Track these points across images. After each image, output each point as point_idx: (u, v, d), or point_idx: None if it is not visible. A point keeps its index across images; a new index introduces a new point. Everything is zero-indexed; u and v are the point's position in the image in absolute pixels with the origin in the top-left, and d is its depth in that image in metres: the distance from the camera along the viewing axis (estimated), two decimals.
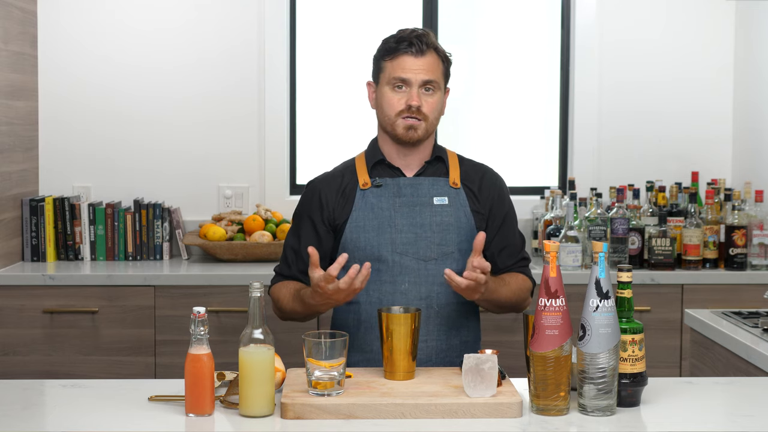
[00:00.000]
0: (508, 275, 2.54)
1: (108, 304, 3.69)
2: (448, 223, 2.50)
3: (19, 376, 3.55)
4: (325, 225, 2.54)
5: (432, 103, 2.50)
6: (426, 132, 2.51)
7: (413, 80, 2.47)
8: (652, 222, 3.93)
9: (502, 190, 2.61)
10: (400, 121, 2.49)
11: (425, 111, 2.48)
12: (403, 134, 2.50)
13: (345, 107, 4.45)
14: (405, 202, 2.51)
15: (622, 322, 2.02)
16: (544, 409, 1.99)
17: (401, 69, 2.48)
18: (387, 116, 2.51)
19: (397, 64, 2.49)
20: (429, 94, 2.49)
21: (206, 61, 4.27)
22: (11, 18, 3.90)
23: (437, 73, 2.51)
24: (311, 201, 2.56)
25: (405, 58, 2.48)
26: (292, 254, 2.57)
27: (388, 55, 2.51)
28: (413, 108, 2.47)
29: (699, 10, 4.36)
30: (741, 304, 3.62)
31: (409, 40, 2.49)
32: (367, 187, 2.53)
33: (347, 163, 2.62)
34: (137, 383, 2.24)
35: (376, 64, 2.56)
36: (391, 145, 2.56)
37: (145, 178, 4.26)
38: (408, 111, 2.48)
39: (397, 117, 2.49)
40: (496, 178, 2.62)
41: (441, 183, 2.55)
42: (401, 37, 2.51)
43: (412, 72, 2.47)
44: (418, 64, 2.48)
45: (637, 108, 4.38)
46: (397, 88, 2.49)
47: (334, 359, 2.02)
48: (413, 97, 2.47)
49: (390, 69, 2.50)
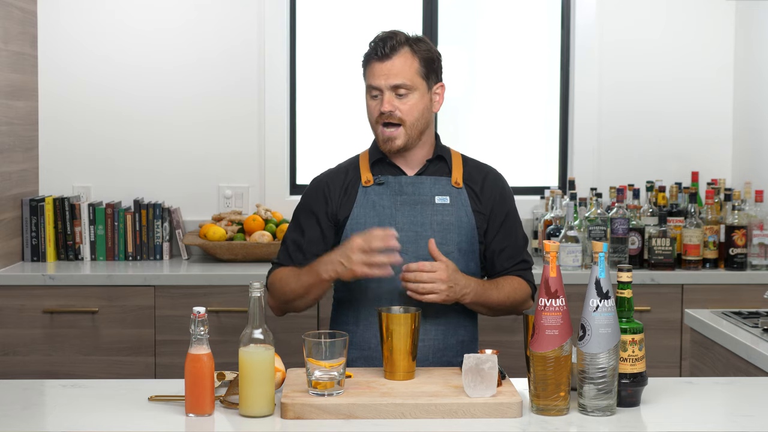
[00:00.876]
0: (503, 279, 2.53)
1: (108, 304, 3.69)
2: (449, 222, 2.50)
3: (19, 376, 3.55)
4: (328, 220, 2.53)
5: (408, 107, 2.45)
6: (408, 137, 2.48)
7: (382, 86, 2.44)
8: (652, 222, 3.93)
9: (504, 191, 2.60)
10: (379, 130, 2.49)
11: (401, 116, 2.45)
12: (383, 146, 2.50)
13: (345, 107, 4.45)
14: (406, 201, 2.51)
15: (622, 322, 2.02)
16: (544, 409, 1.99)
17: (371, 76, 2.47)
18: (370, 123, 2.52)
19: (369, 72, 2.48)
20: (402, 98, 2.45)
21: (206, 61, 4.27)
22: (11, 18, 3.90)
23: (408, 74, 2.45)
24: (316, 196, 2.55)
25: (373, 64, 2.47)
26: (294, 246, 2.53)
27: (365, 62, 2.51)
28: (385, 114, 2.45)
29: (699, 10, 4.36)
30: (741, 304, 3.62)
31: (374, 46, 2.46)
32: (369, 184, 2.53)
33: (352, 159, 2.62)
34: (137, 383, 2.24)
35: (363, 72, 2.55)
36: None
37: (145, 178, 4.26)
38: (381, 117, 2.46)
39: (377, 125, 2.49)
40: (498, 179, 2.61)
41: (443, 182, 2.54)
42: (371, 43, 2.49)
43: (379, 78, 2.45)
44: (384, 69, 2.44)
45: (637, 108, 4.38)
46: (373, 97, 2.48)
47: (334, 359, 2.02)
48: (384, 103, 2.44)
49: (367, 77, 2.50)
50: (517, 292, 2.52)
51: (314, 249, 2.53)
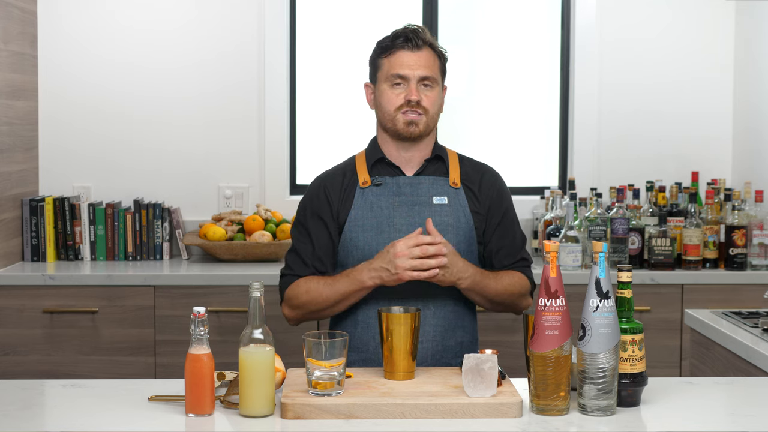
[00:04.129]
0: (503, 271, 2.54)
1: (108, 304, 3.69)
2: (447, 223, 2.50)
3: (19, 376, 3.55)
4: (334, 221, 2.53)
5: (431, 98, 2.49)
6: (427, 127, 2.50)
7: (411, 75, 2.47)
8: (652, 222, 3.93)
9: (502, 190, 2.60)
10: (400, 116, 2.49)
11: (425, 105, 2.48)
12: (404, 129, 2.49)
13: (345, 107, 4.45)
14: (404, 201, 2.51)
15: (622, 322, 2.02)
16: (544, 409, 1.99)
17: (399, 65, 2.48)
18: (387, 113, 2.51)
19: (394, 60, 2.49)
20: (427, 89, 2.49)
21: (206, 61, 4.27)
22: (11, 18, 3.90)
23: (434, 69, 2.51)
24: (318, 199, 2.55)
25: (402, 53, 2.48)
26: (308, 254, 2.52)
27: (384, 52, 2.51)
28: (413, 102, 2.47)
29: (699, 10, 4.36)
30: (741, 304, 3.62)
31: (405, 36, 2.49)
32: (366, 185, 2.53)
33: (348, 161, 2.62)
34: (137, 383, 2.24)
35: (373, 63, 2.56)
36: (391, 144, 2.55)
37: (145, 178, 4.26)
38: (407, 105, 2.48)
39: (396, 112, 2.49)
40: (495, 178, 2.61)
41: (441, 182, 2.54)
42: (397, 33, 2.51)
43: (409, 67, 2.47)
44: (415, 59, 2.48)
45: (637, 108, 4.38)
46: (395, 85, 2.49)
47: (334, 359, 2.02)
48: (412, 92, 2.47)
49: (387, 66, 2.50)
50: (516, 285, 2.52)
51: (328, 253, 2.53)
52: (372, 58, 2.57)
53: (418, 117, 2.48)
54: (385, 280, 2.37)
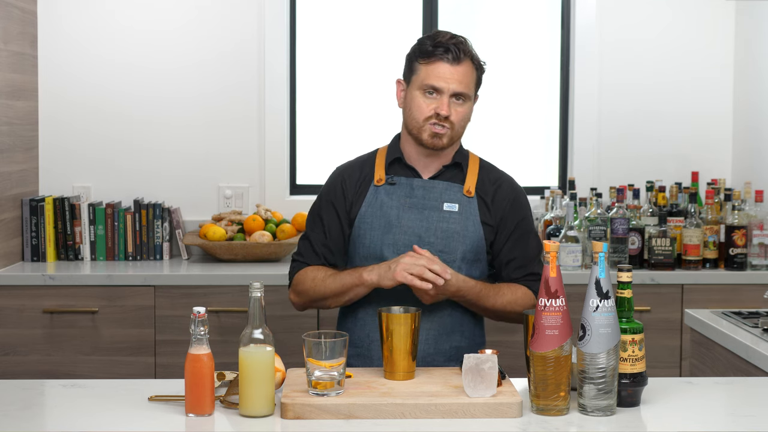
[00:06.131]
0: (506, 285, 2.52)
1: (108, 304, 3.69)
2: (454, 231, 2.49)
3: (19, 376, 3.55)
4: (346, 213, 2.54)
5: (461, 113, 2.47)
6: (451, 140, 2.50)
7: (445, 89, 2.44)
8: (652, 222, 3.93)
9: (516, 200, 2.56)
10: (427, 127, 2.47)
11: (453, 120, 2.46)
12: (428, 141, 2.48)
13: (345, 107, 4.45)
14: (414, 204, 2.51)
15: (622, 322, 2.02)
16: (544, 409, 1.99)
17: (435, 76, 2.44)
18: (415, 120, 2.49)
19: (431, 70, 2.45)
20: (459, 104, 2.47)
21: (206, 61, 4.27)
22: (11, 18, 3.90)
23: (470, 84, 2.48)
24: (335, 190, 2.57)
25: (440, 64, 2.44)
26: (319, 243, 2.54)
27: (423, 57, 2.47)
28: (441, 116, 2.45)
29: (699, 10, 4.37)
30: (741, 304, 3.62)
31: (446, 47, 2.44)
32: (380, 183, 2.53)
33: (369, 155, 2.62)
34: (137, 383, 2.24)
35: (409, 64, 2.52)
36: (413, 147, 2.55)
37: (145, 178, 4.26)
38: (436, 118, 2.46)
39: (425, 122, 2.47)
40: (511, 189, 2.58)
41: (455, 189, 2.53)
42: (439, 41, 2.46)
43: (445, 81, 2.44)
44: (453, 73, 2.44)
45: (637, 108, 4.38)
46: (428, 94, 2.46)
47: (334, 359, 2.02)
48: (443, 107, 2.44)
49: (424, 74, 2.46)
50: (517, 302, 2.50)
51: (339, 244, 2.55)
52: (409, 57, 2.52)
53: (443, 131, 2.47)
54: (381, 275, 2.37)
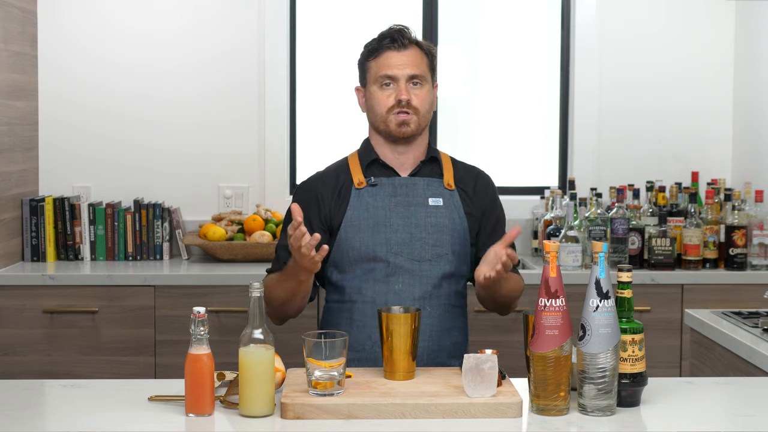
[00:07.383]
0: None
1: (108, 304, 3.69)
2: (443, 224, 2.51)
3: (19, 376, 3.55)
4: (321, 224, 2.52)
5: (421, 96, 2.51)
6: (418, 126, 2.51)
7: (399, 75, 2.49)
8: (652, 222, 3.93)
9: (495, 194, 2.64)
10: (391, 117, 2.50)
11: (415, 104, 2.49)
12: (396, 130, 2.50)
13: (345, 107, 4.44)
14: (400, 202, 2.51)
15: (622, 322, 2.02)
16: (544, 409, 1.99)
17: (386, 66, 2.50)
18: (378, 114, 2.52)
19: (381, 62, 2.51)
20: (417, 87, 2.51)
21: (206, 61, 4.27)
22: (11, 18, 3.90)
23: (422, 67, 2.52)
24: (307, 200, 2.53)
25: (388, 54, 2.50)
26: (285, 253, 2.49)
27: (371, 55, 2.54)
28: (403, 102, 2.48)
29: (699, 9, 4.37)
30: (741, 304, 3.62)
31: (390, 36, 2.51)
32: (362, 186, 2.53)
33: (340, 162, 2.62)
34: (137, 383, 2.24)
35: (362, 67, 2.59)
36: (385, 145, 2.56)
37: (145, 178, 4.26)
38: (398, 106, 2.49)
39: (388, 114, 2.50)
40: (489, 182, 2.64)
41: (436, 184, 2.55)
42: (382, 34, 2.54)
43: (397, 68, 2.49)
44: (403, 59, 2.50)
45: (637, 108, 4.38)
46: (384, 86, 2.50)
47: (334, 359, 2.02)
48: (402, 92, 2.48)
49: (375, 68, 2.52)
50: (518, 286, 2.56)
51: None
52: (360, 62, 2.59)
53: (408, 117, 2.49)
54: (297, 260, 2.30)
